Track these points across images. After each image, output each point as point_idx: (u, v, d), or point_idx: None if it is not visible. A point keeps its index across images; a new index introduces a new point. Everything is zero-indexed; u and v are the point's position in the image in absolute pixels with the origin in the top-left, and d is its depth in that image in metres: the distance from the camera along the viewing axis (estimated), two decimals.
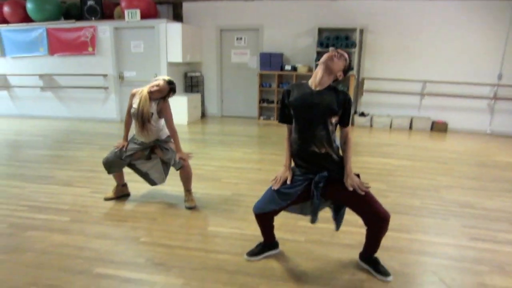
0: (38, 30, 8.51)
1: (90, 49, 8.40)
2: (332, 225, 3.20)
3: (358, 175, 2.43)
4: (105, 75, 8.47)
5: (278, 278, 2.50)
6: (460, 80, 7.80)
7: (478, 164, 5.47)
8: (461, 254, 2.88)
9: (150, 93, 3.49)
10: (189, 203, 3.69)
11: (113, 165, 3.68)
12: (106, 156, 3.68)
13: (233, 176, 4.62)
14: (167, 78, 3.54)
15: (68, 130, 7.65)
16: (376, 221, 2.37)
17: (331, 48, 2.52)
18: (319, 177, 2.42)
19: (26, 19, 8.54)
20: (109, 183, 4.13)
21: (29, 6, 8.25)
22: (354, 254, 2.76)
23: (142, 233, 3.13)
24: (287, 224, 3.24)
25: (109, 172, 3.73)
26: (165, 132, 3.73)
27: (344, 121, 2.46)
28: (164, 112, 3.57)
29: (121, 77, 8.51)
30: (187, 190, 3.75)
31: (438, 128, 7.99)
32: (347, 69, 2.46)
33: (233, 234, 3.12)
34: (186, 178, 3.70)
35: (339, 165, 2.46)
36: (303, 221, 3.31)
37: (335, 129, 2.48)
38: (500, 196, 4.13)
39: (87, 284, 2.41)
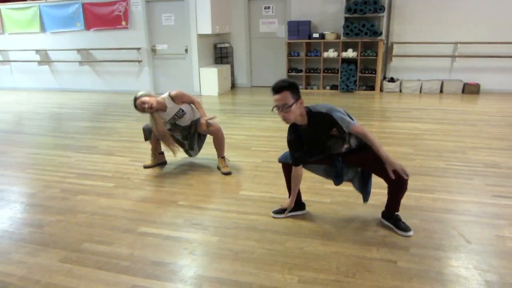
0: (74, 5, 8.85)
1: (123, 23, 8.66)
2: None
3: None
4: (138, 49, 8.75)
5: (305, 235, 2.71)
6: (493, 40, 7.57)
7: (508, 124, 5.43)
8: (482, 210, 3.00)
9: (156, 111, 3.64)
10: (224, 169, 3.91)
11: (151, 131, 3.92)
12: (147, 123, 3.94)
13: (263, 144, 4.82)
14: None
15: (106, 102, 8.03)
16: (397, 180, 2.52)
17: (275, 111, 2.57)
18: (338, 173, 2.73)
19: None
20: (147, 152, 4.41)
21: None
22: (377, 213, 2.93)
23: (180, 197, 3.40)
24: (313, 187, 3.43)
25: (146, 139, 3.98)
26: (196, 113, 3.97)
27: (344, 130, 2.50)
28: (186, 101, 3.81)
29: (153, 50, 8.76)
30: (221, 157, 3.98)
31: (470, 90, 7.83)
32: (297, 92, 2.47)
33: (263, 198, 3.34)
34: (219, 144, 3.93)
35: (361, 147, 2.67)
36: (329, 184, 3.47)
37: (345, 133, 2.54)
38: None
39: (133, 241, 2.71)
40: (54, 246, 2.66)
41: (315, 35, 8.26)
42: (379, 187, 3.28)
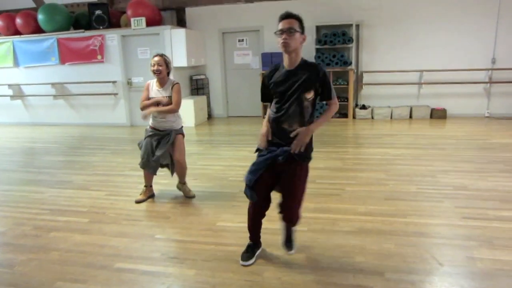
0: (49, 41, 8.84)
1: (99, 57, 8.69)
2: (332, 215, 3.43)
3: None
4: (114, 82, 8.75)
5: (282, 265, 2.72)
6: (456, 67, 7.99)
7: (475, 147, 5.66)
8: (453, 232, 3.09)
9: (157, 73, 3.91)
10: (187, 193, 4.10)
11: (148, 164, 3.93)
12: (140, 159, 3.97)
13: (240, 174, 4.83)
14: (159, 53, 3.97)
15: (81, 136, 7.94)
16: (287, 213, 2.64)
17: (276, 35, 2.47)
18: (281, 151, 2.46)
19: (38, 30, 8.89)
20: (123, 186, 4.38)
21: (40, 17, 8.62)
22: (354, 239, 2.98)
23: (157, 231, 3.37)
24: None
25: (145, 168, 3.98)
26: (180, 122, 4.08)
27: (325, 96, 2.47)
28: (174, 93, 3.96)
29: (129, 83, 8.78)
30: (182, 183, 4.13)
31: (438, 115, 8.15)
32: (302, 26, 2.44)
33: (240, 228, 3.32)
34: (180, 173, 4.07)
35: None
36: (306, 212, 3.53)
37: (312, 106, 2.50)
38: (493, 176, 4.35)
39: (109, 278, 2.66)
40: (25, 287, 2.58)
41: None
42: (354, 214, 3.35)
